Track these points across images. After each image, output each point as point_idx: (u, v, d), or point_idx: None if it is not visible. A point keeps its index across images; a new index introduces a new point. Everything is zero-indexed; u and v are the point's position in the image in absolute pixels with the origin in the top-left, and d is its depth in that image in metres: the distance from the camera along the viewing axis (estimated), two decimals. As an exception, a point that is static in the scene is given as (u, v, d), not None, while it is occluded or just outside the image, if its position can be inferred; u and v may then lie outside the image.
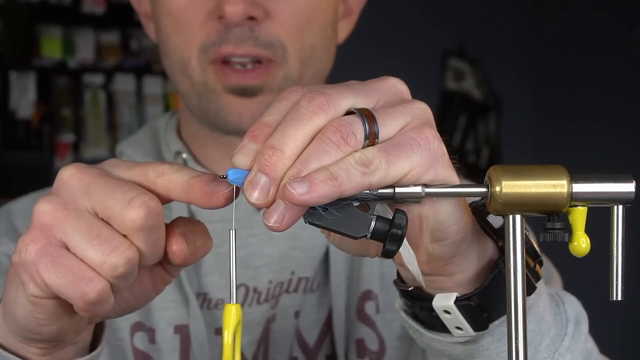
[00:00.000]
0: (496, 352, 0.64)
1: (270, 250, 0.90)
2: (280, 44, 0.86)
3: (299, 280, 0.91)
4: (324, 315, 0.91)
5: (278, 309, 0.90)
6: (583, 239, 0.56)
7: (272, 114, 0.54)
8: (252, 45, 0.85)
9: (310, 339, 0.90)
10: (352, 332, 0.90)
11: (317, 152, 0.52)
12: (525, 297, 0.56)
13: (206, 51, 0.86)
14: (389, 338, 0.90)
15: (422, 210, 0.57)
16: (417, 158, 0.54)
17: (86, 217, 0.53)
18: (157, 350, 0.89)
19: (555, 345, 0.66)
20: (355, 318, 0.90)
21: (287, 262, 0.91)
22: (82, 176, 0.55)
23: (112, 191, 0.53)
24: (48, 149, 3.27)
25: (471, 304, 0.61)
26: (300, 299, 0.90)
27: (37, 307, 0.55)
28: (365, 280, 0.91)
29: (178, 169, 0.56)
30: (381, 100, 0.56)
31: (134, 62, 3.38)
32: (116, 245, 0.53)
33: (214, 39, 0.86)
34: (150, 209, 0.53)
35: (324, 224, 0.53)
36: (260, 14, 0.85)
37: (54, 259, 0.53)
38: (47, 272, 0.53)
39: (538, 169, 0.56)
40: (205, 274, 0.90)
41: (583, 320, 0.69)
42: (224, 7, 0.84)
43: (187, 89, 0.90)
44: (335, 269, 0.90)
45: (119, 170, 0.56)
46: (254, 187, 0.52)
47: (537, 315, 0.64)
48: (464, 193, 0.56)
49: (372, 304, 0.90)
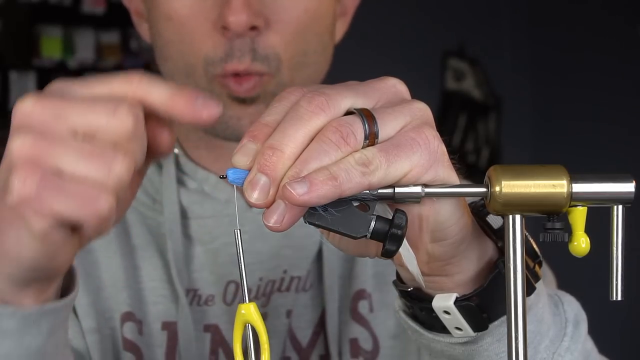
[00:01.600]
0: (495, 352, 0.64)
1: (261, 247, 0.90)
2: (276, 56, 0.87)
3: (291, 279, 0.90)
4: (317, 315, 0.91)
5: (269, 307, 0.90)
6: (583, 239, 0.56)
7: (272, 114, 0.54)
8: (251, 59, 0.86)
9: (304, 338, 0.90)
10: (345, 331, 0.90)
11: (317, 152, 0.52)
12: (525, 297, 0.56)
13: (213, 65, 0.87)
14: (382, 337, 0.90)
15: (421, 210, 0.57)
16: (417, 158, 0.54)
17: (71, 139, 0.52)
18: (144, 343, 0.89)
19: (555, 346, 0.66)
20: (349, 317, 0.90)
21: (279, 261, 0.91)
22: (46, 103, 0.53)
23: (90, 106, 0.52)
24: (48, 149, 3.27)
25: (471, 304, 0.61)
26: (293, 298, 0.90)
27: (46, 241, 0.53)
28: (359, 280, 0.91)
29: (151, 80, 0.54)
30: (381, 100, 0.56)
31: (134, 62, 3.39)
32: (113, 156, 0.51)
33: (220, 54, 0.86)
34: (137, 115, 0.52)
35: (324, 224, 0.53)
36: (261, 23, 0.85)
37: (57, 186, 0.51)
38: (55, 201, 0.51)
39: (538, 169, 0.56)
40: (196, 270, 0.90)
41: (582, 321, 0.69)
42: (228, 18, 0.83)
43: None
44: (328, 268, 0.90)
45: (79, 89, 0.55)
46: (254, 187, 0.52)
47: (537, 316, 0.64)
48: (463, 193, 0.56)
49: (365, 303, 0.90)
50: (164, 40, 0.90)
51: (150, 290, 0.89)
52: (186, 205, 0.91)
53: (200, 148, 0.94)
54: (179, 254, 0.89)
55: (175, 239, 0.89)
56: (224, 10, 0.84)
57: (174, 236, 0.89)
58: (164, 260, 0.90)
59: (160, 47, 0.92)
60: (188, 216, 0.91)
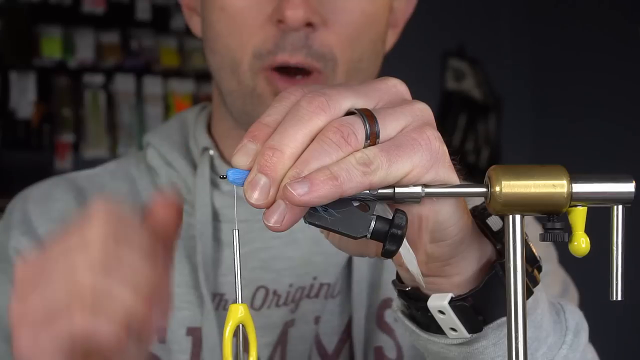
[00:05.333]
0: (491, 356, 0.64)
1: (293, 253, 0.90)
2: (332, 55, 0.85)
3: (320, 286, 0.89)
4: (344, 322, 0.90)
5: (298, 313, 0.89)
6: (583, 239, 0.56)
7: (272, 114, 0.54)
8: (305, 54, 0.84)
9: (330, 345, 0.89)
10: (371, 339, 0.89)
11: (318, 152, 0.52)
12: (525, 298, 0.55)
13: (260, 58, 0.85)
14: (405, 346, 0.89)
15: (421, 210, 0.57)
16: (418, 158, 0.54)
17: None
18: (165, 350, 0.87)
19: (552, 353, 0.66)
20: (375, 326, 0.89)
21: (310, 267, 0.90)
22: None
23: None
24: (48, 149, 3.27)
25: (465, 305, 0.61)
26: (321, 304, 0.89)
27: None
28: (386, 288, 0.90)
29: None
30: (381, 100, 0.56)
31: (134, 62, 3.38)
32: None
33: (270, 46, 0.84)
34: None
35: (324, 224, 0.53)
36: (318, 20, 0.83)
37: None
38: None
39: (538, 169, 0.56)
40: (223, 274, 0.89)
41: (583, 330, 0.68)
42: (285, 12, 0.82)
43: (232, 89, 0.88)
44: (357, 276, 0.89)
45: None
46: (254, 187, 0.52)
47: (535, 322, 0.64)
48: (463, 193, 0.56)
49: (391, 312, 0.90)
50: (215, 33, 0.88)
51: (175, 297, 0.87)
52: (219, 208, 0.90)
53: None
54: (208, 257, 0.88)
55: (205, 242, 0.88)
56: (281, 4, 0.83)
57: (204, 239, 0.88)
58: (191, 264, 0.89)
59: (210, 40, 0.90)
60: (220, 219, 0.90)
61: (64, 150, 3.28)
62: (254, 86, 0.86)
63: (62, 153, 3.27)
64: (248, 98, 0.87)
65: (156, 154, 0.95)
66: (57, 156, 3.26)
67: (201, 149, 0.93)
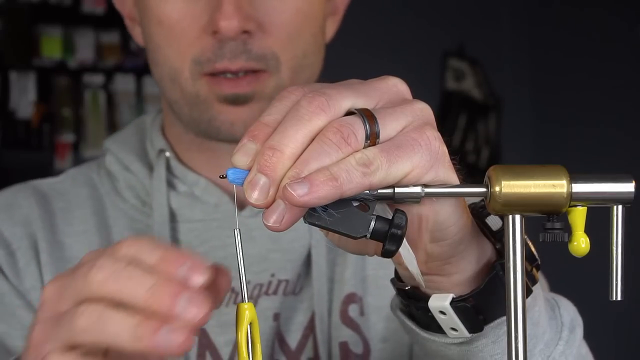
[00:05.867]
0: (490, 354, 0.64)
1: (250, 251, 0.90)
2: (273, 55, 0.86)
3: (278, 283, 0.90)
4: (307, 319, 0.90)
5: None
6: (583, 239, 0.56)
7: (272, 114, 0.54)
8: (245, 59, 0.85)
9: (292, 341, 0.89)
10: (335, 335, 0.89)
11: (318, 152, 0.52)
12: (524, 297, 0.56)
13: (200, 64, 0.86)
14: (373, 340, 0.89)
15: (421, 210, 0.57)
16: (418, 158, 0.54)
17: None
18: None
19: (549, 349, 0.66)
20: (339, 321, 0.89)
21: (267, 264, 0.90)
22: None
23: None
24: (48, 149, 3.27)
25: (467, 305, 0.61)
26: (280, 301, 0.89)
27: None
28: (348, 283, 0.90)
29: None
30: (382, 100, 0.56)
31: (134, 62, 3.38)
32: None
33: (208, 55, 0.85)
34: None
35: (324, 224, 0.53)
36: (253, 27, 0.85)
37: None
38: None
39: (538, 169, 0.56)
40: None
41: (578, 326, 0.69)
42: (219, 23, 0.83)
43: (176, 98, 0.90)
44: (317, 272, 0.89)
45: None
46: (254, 187, 0.52)
47: (533, 319, 0.64)
48: (463, 193, 0.56)
49: (355, 306, 0.90)
50: (154, 45, 0.90)
51: None
52: (175, 209, 0.91)
53: (192, 150, 0.94)
54: None
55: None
56: (215, 15, 0.84)
57: (162, 240, 0.88)
58: None
59: (151, 52, 0.91)
60: (177, 220, 0.91)
61: (64, 150, 3.28)
62: (196, 92, 0.87)
63: (62, 153, 3.27)
64: (193, 105, 0.88)
65: (114, 159, 0.96)
66: (57, 156, 3.27)
67: (157, 151, 0.94)
